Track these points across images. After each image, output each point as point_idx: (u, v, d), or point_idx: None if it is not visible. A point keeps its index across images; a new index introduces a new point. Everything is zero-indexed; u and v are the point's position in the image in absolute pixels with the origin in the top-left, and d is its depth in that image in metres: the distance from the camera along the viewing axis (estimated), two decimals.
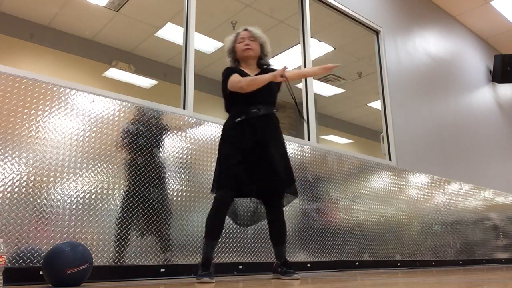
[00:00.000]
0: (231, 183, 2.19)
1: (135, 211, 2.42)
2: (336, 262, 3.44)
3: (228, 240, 2.78)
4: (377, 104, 5.14)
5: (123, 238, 2.33)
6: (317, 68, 2.52)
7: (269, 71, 2.41)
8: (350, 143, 9.25)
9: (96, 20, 5.22)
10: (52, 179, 2.16)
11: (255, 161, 2.24)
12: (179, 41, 3.96)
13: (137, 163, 2.50)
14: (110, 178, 2.37)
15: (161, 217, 2.52)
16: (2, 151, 2.04)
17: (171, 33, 5.41)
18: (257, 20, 5.04)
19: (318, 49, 5.60)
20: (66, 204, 2.17)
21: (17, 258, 1.96)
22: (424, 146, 5.00)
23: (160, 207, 2.53)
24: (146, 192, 2.49)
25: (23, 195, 2.05)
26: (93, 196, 2.28)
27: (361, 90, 7.24)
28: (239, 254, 2.81)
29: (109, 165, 2.38)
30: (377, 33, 4.95)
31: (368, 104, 7.79)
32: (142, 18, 5.22)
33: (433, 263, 4.45)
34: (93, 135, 2.37)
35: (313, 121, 3.84)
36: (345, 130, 8.88)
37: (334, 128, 8.76)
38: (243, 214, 2.57)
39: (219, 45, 5.53)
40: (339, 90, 7.32)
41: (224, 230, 2.77)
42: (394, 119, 4.67)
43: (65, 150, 2.25)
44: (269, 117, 2.37)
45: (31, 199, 2.07)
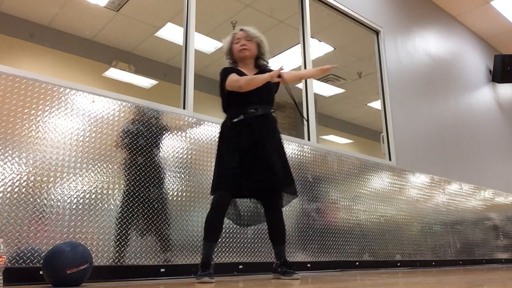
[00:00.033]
0: (229, 184, 2.19)
1: (135, 211, 2.42)
2: (336, 262, 3.44)
3: (228, 240, 2.78)
4: (377, 104, 5.14)
5: (123, 238, 2.33)
6: (315, 70, 2.54)
7: (267, 71, 2.41)
8: (350, 143, 9.26)
9: (96, 20, 5.22)
10: (52, 179, 2.16)
11: (252, 161, 2.24)
12: (179, 41, 3.96)
13: (137, 163, 2.50)
14: (110, 178, 2.37)
15: (161, 217, 2.52)
16: (2, 151, 2.04)
17: (171, 33, 5.41)
18: (257, 20, 5.04)
19: (318, 49, 5.61)
20: (66, 204, 2.17)
21: (17, 258, 1.96)
22: (424, 146, 5.00)
23: (160, 207, 2.53)
24: (146, 192, 2.49)
25: (23, 195, 2.05)
26: (93, 196, 2.28)
27: (361, 90, 7.24)
28: (239, 254, 2.81)
29: (109, 165, 2.38)
30: (377, 33, 4.95)
31: (368, 104, 7.80)
32: (142, 18, 5.22)
33: (433, 263, 4.45)
34: (93, 135, 2.37)
35: (313, 121, 3.85)
36: (345, 130, 8.88)
37: (334, 128, 8.76)
38: (244, 214, 2.57)
39: (219, 45, 5.53)
40: (339, 90, 7.32)
41: (224, 230, 2.77)
42: (394, 119, 4.67)
43: (65, 150, 2.25)
44: (266, 117, 2.37)
45: (31, 199, 2.07)
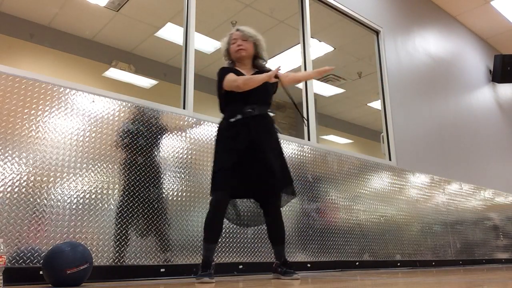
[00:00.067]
0: (226, 185, 2.19)
1: (135, 211, 2.42)
2: (336, 262, 3.44)
3: (228, 240, 2.78)
4: (377, 104, 5.14)
5: (123, 238, 2.33)
6: (312, 72, 2.55)
7: (265, 71, 2.41)
8: (350, 143, 9.25)
9: (96, 20, 5.22)
10: (52, 179, 2.16)
11: (250, 162, 2.24)
12: (179, 41, 3.96)
13: (137, 163, 2.50)
14: (110, 178, 2.37)
15: (161, 217, 2.52)
16: (2, 151, 2.04)
17: (171, 33, 5.41)
18: (257, 20, 5.04)
19: (318, 49, 5.61)
20: (66, 204, 2.17)
21: (17, 258, 1.96)
22: (424, 146, 5.00)
23: (160, 207, 2.53)
24: (146, 192, 2.49)
25: (23, 195, 2.05)
26: (93, 196, 2.28)
27: (361, 90, 7.24)
28: (239, 254, 2.81)
29: (109, 165, 2.38)
30: (377, 33, 4.95)
31: (368, 104, 7.80)
32: (142, 18, 5.22)
33: (433, 263, 4.45)
34: (93, 135, 2.37)
35: (313, 121, 3.84)
36: (345, 130, 8.88)
37: (334, 128, 8.76)
38: (244, 214, 2.57)
39: (219, 45, 5.51)
40: (339, 90, 7.32)
41: (224, 230, 2.77)
42: (394, 119, 4.67)
43: (65, 150, 2.25)
44: (263, 116, 2.37)
45: (31, 199, 2.07)
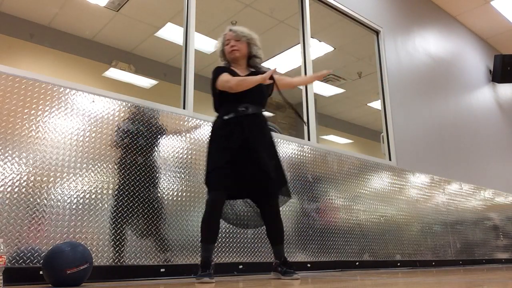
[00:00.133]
0: (221, 184, 2.19)
1: (135, 211, 2.42)
2: (336, 262, 3.44)
3: (228, 240, 2.78)
4: (377, 104, 5.14)
5: (123, 238, 2.33)
6: (309, 77, 2.55)
7: (260, 72, 2.40)
8: (350, 143, 9.25)
9: (96, 20, 5.22)
10: (52, 179, 2.16)
11: (243, 161, 2.24)
12: (179, 41, 3.96)
13: (137, 163, 2.50)
14: (110, 178, 2.37)
15: (161, 217, 2.52)
16: (2, 151, 2.04)
17: (171, 33, 5.41)
18: (257, 20, 5.04)
19: (318, 49, 5.60)
20: (65, 204, 2.17)
21: (17, 258, 1.96)
22: (424, 146, 5.00)
23: (160, 207, 2.53)
24: (146, 192, 2.49)
25: (23, 195, 2.05)
26: (93, 196, 2.28)
27: (361, 90, 7.24)
28: (239, 254, 2.81)
29: (109, 165, 2.38)
30: (377, 33, 4.95)
31: (368, 104, 7.80)
32: (142, 18, 5.22)
33: (433, 263, 4.45)
34: (93, 135, 2.37)
35: (313, 121, 3.84)
36: (345, 130, 8.88)
37: (334, 128, 8.76)
38: (244, 215, 2.57)
39: None
40: (339, 90, 7.32)
41: (224, 231, 2.77)
42: (394, 119, 4.67)
43: (65, 150, 2.25)
44: (256, 116, 2.36)
45: (31, 199, 2.07)
